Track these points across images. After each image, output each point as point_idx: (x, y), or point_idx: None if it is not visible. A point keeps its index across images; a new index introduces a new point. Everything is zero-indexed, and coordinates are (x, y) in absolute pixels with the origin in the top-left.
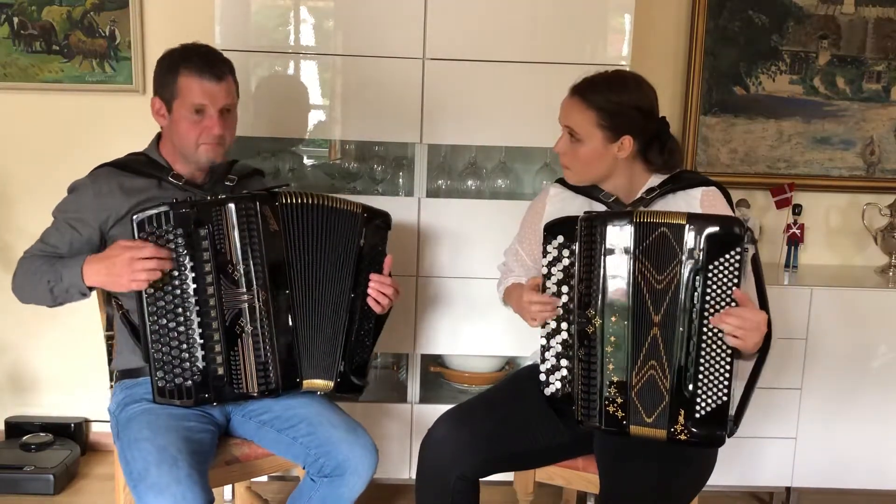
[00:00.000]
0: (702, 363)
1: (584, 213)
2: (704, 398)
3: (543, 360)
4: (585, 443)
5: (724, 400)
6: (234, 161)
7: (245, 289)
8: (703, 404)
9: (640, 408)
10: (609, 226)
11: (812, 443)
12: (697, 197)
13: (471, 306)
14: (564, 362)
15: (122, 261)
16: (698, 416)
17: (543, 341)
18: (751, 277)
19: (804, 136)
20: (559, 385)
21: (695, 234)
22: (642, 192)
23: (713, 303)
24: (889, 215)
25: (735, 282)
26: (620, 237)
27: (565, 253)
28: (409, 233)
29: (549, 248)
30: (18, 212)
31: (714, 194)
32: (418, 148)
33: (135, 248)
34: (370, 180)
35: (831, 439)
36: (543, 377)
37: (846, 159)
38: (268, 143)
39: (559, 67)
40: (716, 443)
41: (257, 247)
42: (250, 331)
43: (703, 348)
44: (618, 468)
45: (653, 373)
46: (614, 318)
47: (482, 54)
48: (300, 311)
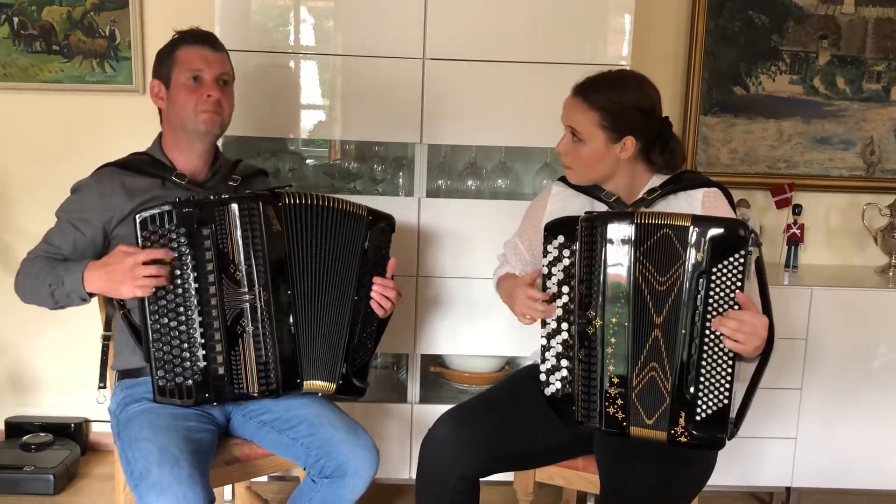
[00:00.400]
0: (703, 365)
1: (584, 214)
2: (705, 400)
3: (544, 360)
4: (585, 443)
5: (726, 403)
6: (237, 161)
7: (247, 288)
8: (705, 407)
9: (640, 409)
10: (610, 226)
11: (812, 443)
12: (699, 198)
13: (471, 306)
14: (565, 362)
15: (124, 268)
16: (699, 419)
17: (544, 341)
18: (754, 280)
19: (804, 136)
20: (559, 385)
21: (699, 236)
22: (644, 192)
23: (716, 305)
24: (889, 215)
25: (738, 285)
26: (622, 238)
27: (566, 253)
28: (409, 233)
29: (550, 247)
30: (18, 212)
31: (716, 195)
32: (418, 148)
33: (135, 253)
34: (370, 180)
35: (831, 439)
36: (544, 377)
37: (846, 159)
38: (268, 143)
39: (559, 67)
40: (716, 445)
41: (259, 247)
42: (251, 331)
43: (705, 350)
44: (618, 468)
45: (654, 374)
46: (615, 319)
47: (482, 54)
48: (302, 312)
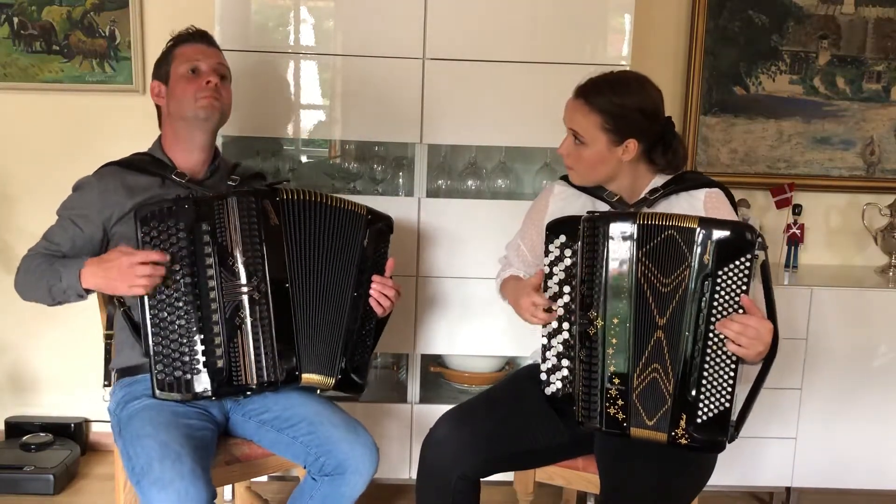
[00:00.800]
0: (706, 368)
1: (586, 214)
2: (707, 403)
3: (544, 360)
4: (586, 443)
5: (727, 406)
6: (236, 164)
7: (245, 280)
8: (706, 409)
9: (641, 410)
10: (612, 226)
11: (812, 443)
12: (701, 198)
13: (471, 306)
14: (565, 362)
15: (120, 266)
16: (700, 421)
17: (544, 340)
18: (759, 283)
19: (804, 136)
20: (560, 385)
21: (705, 238)
22: (646, 192)
23: (720, 308)
24: (889, 215)
25: (744, 288)
26: (624, 238)
27: (567, 253)
28: (409, 233)
29: (552, 247)
30: (18, 212)
31: (717, 196)
32: (418, 148)
33: (132, 253)
34: (370, 180)
35: (831, 439)
36: (544, 376)
37: (846, 159)
38: (267, 143)
39: (559, 67)
40: (716, 448)
41: (258, 240)
42: (250, 322)
43: (708, 353)
44: (618, 468)
45: (655, 375)
46: (616, 320)
47: (482, 54)
48: (300, 305)
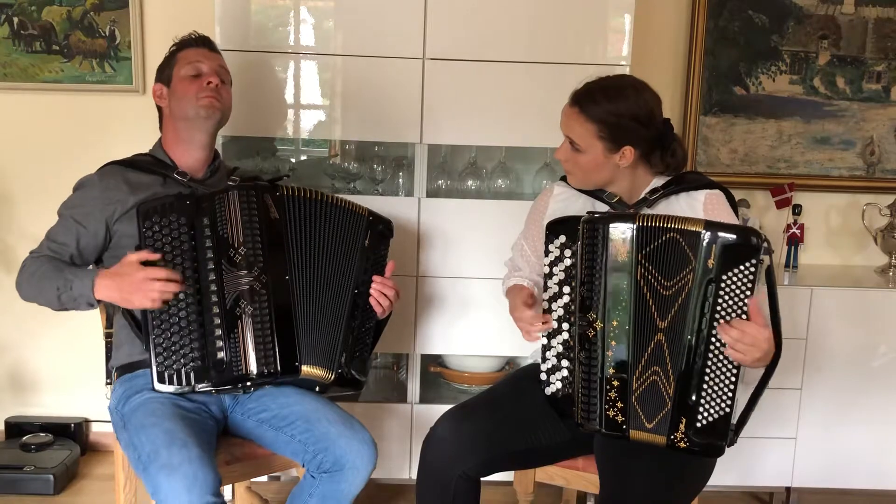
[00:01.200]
0: (707, 373)
1: (586, 214)
2: (707, 408)
3: (544, 360)
4: (586, 442)
5: (727, 411)
6: (235, 168)
7: (246, 271)
8: (706, 414)
9: (640, 413)
10: (611, 228)
11: (812, 443)
12: (701, 199)
13: (470, 306)
14: (565, 363)
15: (135, 280)
16: (699, 426)
17: (544, 340)
18: (763, 289)
19: (804, 136)
20: (560, 385)
21: (710, 242)
22: (646, 192)
23: (723, 313)
24: (889, 215)
25: (748, 293)
26: (623, 240)
27: (567, 253)
28: (409, 233)
29: (551, 247)
30: (19, 212)
31: (717, 197)
32: (418, 148)
33: (146, 268)
34: (370, 180)
35: (831, 439)
36: (544, 376)
37: (846, 159)
38: (267, 143)
39: (559, 67)
40: (715, 453)
41: (258, 232)
42: (250, 311)
43: (710, 358)
44: (618, 469)
45: (655, 378)
46: (615, 322)
47: (482, 54)
48: (300, 298)
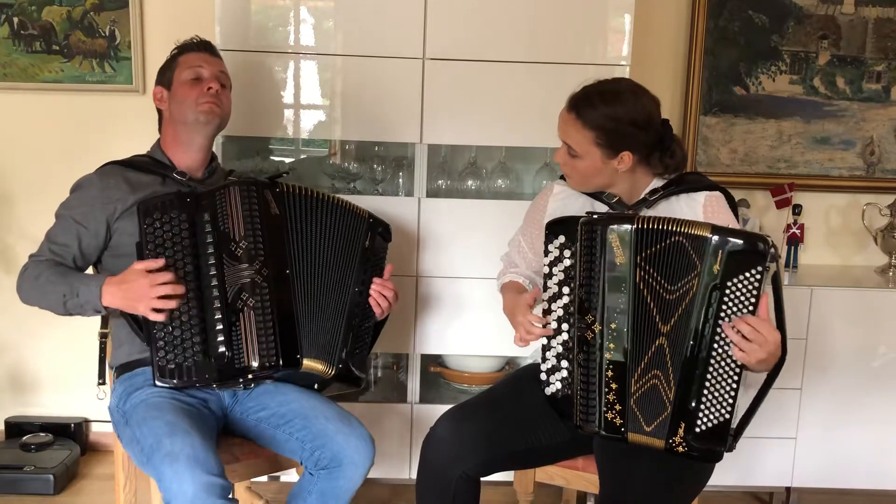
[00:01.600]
0: (709, 378)
1: (584, 215)
2: (707, 413)
3: (544, 360)
4: (586, 443)
5: (727, 418)
6: (231, 170)
7: (247, 264)
8: (706, 419)
9: (639, 416)
10: (609, 230)
11: (812, 443)
12: (700, 201)
13: (470, 306)
14: (565, 363)
15: (141, 287)
16: (698, 431)
17: (544, 340)
18: (769, 296)
19: (804, 136)
20: (559, 385)
21: (717, 247)
22: (645, 193)
23: (727, 319)
24: (889, 215)
25: (753, 301)
26: (621, 242)
27: (566, 253)
28: (409, 233)
29: (551, 247)
30: (19, 212)
31: (717, 199)
32: (418, 148)
33: (152, 275)
34: (370, 180)
35: (831, 439)
36: (544, 376)
37: (846, 159)
38: (267, 142)
39: (559, 67)
40: (713, 459)
41: (259, 225)
42: (252, 304)
43: (712, 364)
44: (617, 469)
45: (656, 382)
46: (614, 325)
47: (482, 54)
48: (301, 293)
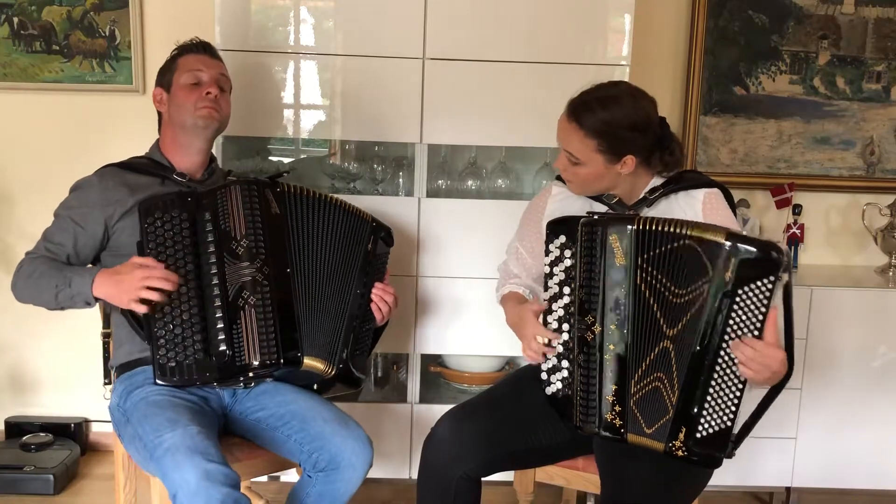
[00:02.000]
0: (713, 385)
1: (585, 216)
2: (709, 419)
3: (545, 360)
4: (586, 442)
5: (729, 425)
6: (230, 171)
7: (248, 262)
8: (707, 425)
9: (639, 418)
10: (610, 231)
11: (812, 443)
12: (700, 198)
13: (470, 306)
14: (565, 363)
15: (133, 278)
16: (699, 436)
17: (544, 341)
18: (779, 306)
19: (804, 136)
20: (560, 385)
21: (730, 254)
22: (645, 192)
23: (736, 328)
24: (889, 215)
25: (763, 310)
26: (622, 243)
27: (567, 253)
28: (409, 233)
29: (552, 247)
30: (19, 212)
31: (717, 197)
32: (418, 148)
33: (147, 267)
34: (370, 180)
35: (831, 439)
36: (545, 376)
37: (846, 159)
38: (267, 142)
39: (559, 67)
40: (712, 464)
41: (260, 224)
42: (253, 302)
43: (717, 371)
44: (618, 470)
45: (658, 385)
46: (614, 327)
47: (482, 54)
48: (302, 292)
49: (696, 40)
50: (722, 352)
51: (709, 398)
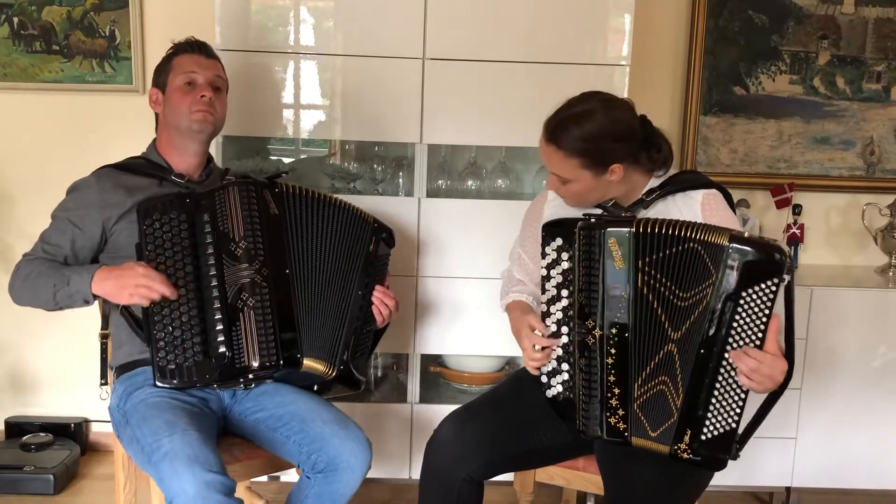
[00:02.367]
0: (717, 387)
1: (582, 217)
2: (714, 422)
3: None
4: (587, 443)
5: (733, 426)
6: (227, 169)
7: (247, 264)
8: (712, 427)
9: (643, 421)
10: (608, 234)
11: (812, 443)
12: (698, 199)
13: (470, 306)
14: (565, 366)
15: (134, 275)
16: (704, 439)
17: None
18: (780, 307)
19: (804, 136)
20: (560, 389)
21: (733, 256)
22: (643, 193)
23: (740, 331)
24: (889, 215)
25: (767, 313)
26: (621, 246)
27: (564, 256)
28: (409, 233)
29: (548, 249)
30: (18, 212)
31: (716, 197)
32: (418, 148)
33: (149, 270)
34: (370, 180)
35: (831, 439)
36: (545, 379)
37: (846, 159)
38: (267, 142)
39: (559, 67)
40: (717, 466)
41: (258, 225)
42: (252, 303)
43: (721, 374)
44: (619, 471)
45: (663, 388)
46: (615, 331)
47: (482, 54)
48: (301, 292)
49: (696, 40)
50: (726, 354)
51: (713, 400)
